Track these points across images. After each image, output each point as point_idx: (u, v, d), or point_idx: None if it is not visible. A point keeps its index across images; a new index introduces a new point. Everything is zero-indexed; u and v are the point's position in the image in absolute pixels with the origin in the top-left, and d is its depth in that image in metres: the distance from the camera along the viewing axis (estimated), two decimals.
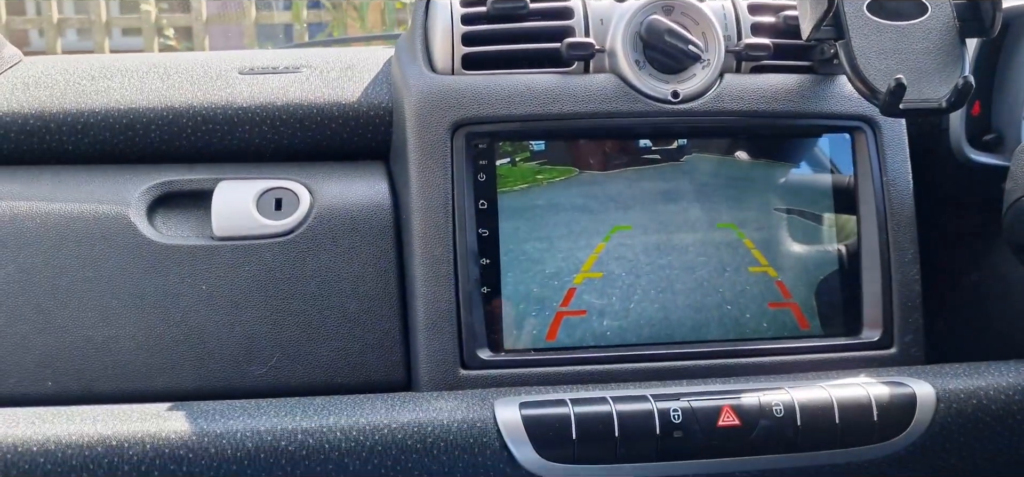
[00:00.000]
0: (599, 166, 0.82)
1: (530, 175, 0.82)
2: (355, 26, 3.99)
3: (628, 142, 0.83)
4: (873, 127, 0.84)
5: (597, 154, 0.83)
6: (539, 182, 0.82)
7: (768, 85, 0.84)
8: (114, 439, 0.67)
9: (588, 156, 0.82)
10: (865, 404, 0.74)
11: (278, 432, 0.69)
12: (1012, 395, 0.76)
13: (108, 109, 0.86)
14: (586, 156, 0.82)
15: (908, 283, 0.83)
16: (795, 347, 0.82)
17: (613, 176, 0.82)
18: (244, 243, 0.81)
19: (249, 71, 0.91)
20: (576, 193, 0.82)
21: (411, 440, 0.70)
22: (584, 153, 0.82)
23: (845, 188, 0.85)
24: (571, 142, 0.83)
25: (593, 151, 0.83)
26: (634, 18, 0.83)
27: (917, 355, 0.83)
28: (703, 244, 0.82)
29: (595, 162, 0.83)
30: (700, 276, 0.82)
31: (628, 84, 0.82)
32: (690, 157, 0.83)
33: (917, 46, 0.76)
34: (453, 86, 0.81)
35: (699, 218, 0.82)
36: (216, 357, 0.79)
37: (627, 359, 0.80)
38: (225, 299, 0.79)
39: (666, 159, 0.83)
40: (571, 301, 0.81)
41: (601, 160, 0.83)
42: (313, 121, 0.88)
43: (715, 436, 0.72)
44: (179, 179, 0.85)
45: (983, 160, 0.87)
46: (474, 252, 0.80)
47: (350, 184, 0.85)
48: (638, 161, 0.83)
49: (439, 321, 0.78)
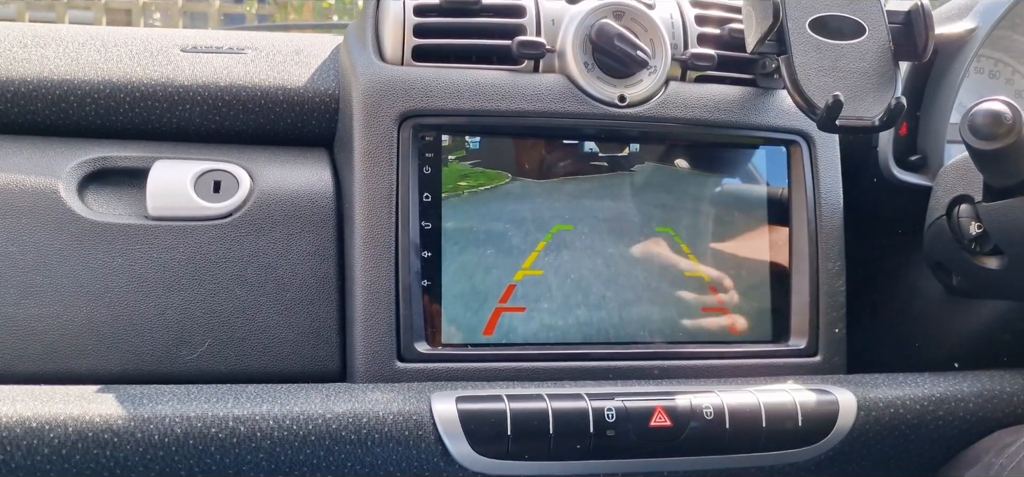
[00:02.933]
0: (543, 165, 0.83)
1: (474, 171, 0.82)
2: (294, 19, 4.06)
3: (573, 143, 0.84)
4: (809, 142, 0.87)
5: (542, 153, 0.83)
6: (483, 178, 0.82)
7: (711, 95, 0.86)
8: (34, 420, 0.65)
9: (533, 155, 0.83)
10: (791, 410, 0.76)
11: (209, 418, 0.68)
12: (926, 406, 0.80)
13: (41, 79, 0.83)
14: (531, 155, 0.83)
15: (834, 294, 0.86)
16: (726, 351, 0.84)
17: (557, 175, 0.83)
18: (179, 224, 0.79)
19: (192, 49, 0.89)
20: (520, 191, 0.82)
21: (345, 431, 0.70)
22: (529, 151, 0.83)
23: (779, 200, 0.87)
24: (516, 140, 0.83)
25: (538, 150, 0.83)
26: (585, 21, 0.83)
27: (840, 364, 0.86)
28: (641, 247, 0.84)
29: (540, 161, 0.83)
30: (637, 278, 0.83)
31: (576, 85, 0.83)
32: (633, 161, 0.84)
33: (854, 66, 0.78)
34: (402, 77, 0.81)
35: (639, 221, 0.84)
36: (146, 340, 0.77)
37: (563, 357, 0.81)
38: (157, 281, 0.77)
39: (610, 162, 0.84)
40: (511, 297, 0.81)
41: (546, 159, 0.83)
42: (256, 104, 0.86)
43: (647, 436, 0.74)
44: (113, 155, 0.82)
45: (908, 180, 0.90)
46: (416, 244, 0.79)
47: (292, 170, 0.84)
48: (583, 162, 0.84)
49: (377, 312, 0.78)
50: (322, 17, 4.13)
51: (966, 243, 0.79)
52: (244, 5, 4.26)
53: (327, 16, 4.13)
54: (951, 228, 0.80)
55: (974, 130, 0.69)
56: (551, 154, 0.83)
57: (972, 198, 0.78)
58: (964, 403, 0.81)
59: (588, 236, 0.83)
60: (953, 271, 0.83)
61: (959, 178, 0.80)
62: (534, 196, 0.82)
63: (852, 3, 0.80)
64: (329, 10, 4.12)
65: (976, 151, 0.71)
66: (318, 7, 4.12)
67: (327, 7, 4.11)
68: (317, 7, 4.13)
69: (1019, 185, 0.72)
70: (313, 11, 4.15)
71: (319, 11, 4.13)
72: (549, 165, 0.83)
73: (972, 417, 0.81)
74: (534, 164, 0.83)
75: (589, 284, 0.82)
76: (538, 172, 0.83)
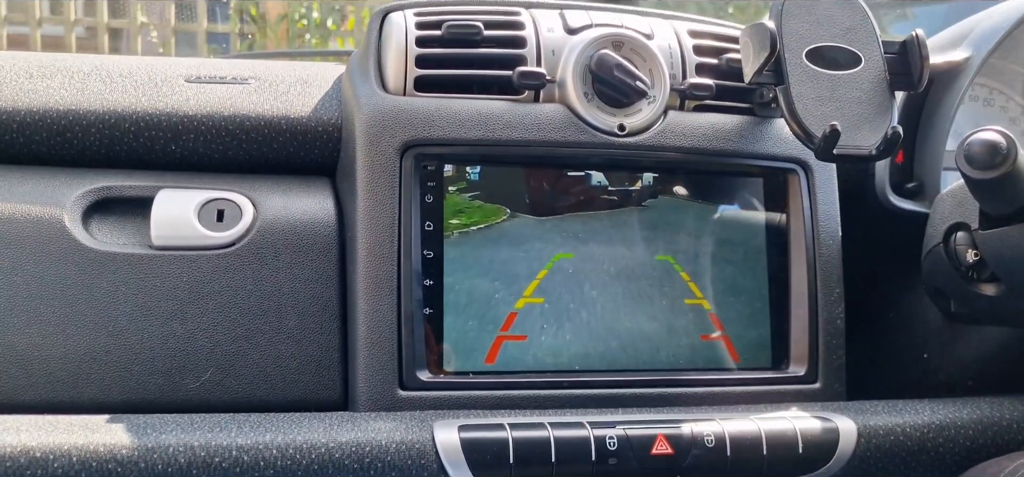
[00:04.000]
0: (544, 194, 0.84)
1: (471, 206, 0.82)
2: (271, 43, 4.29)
3: (574, 172, 0.85)
4: (806, 170, 0.88)
5: (543, 182, 0.84)
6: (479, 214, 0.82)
7: (710, 124, 0.87)
8: (38, 450, 0.65)
9: (533, 185, 0.84)
10: (791, 437, 0.77)
11: (212, 448, 0.68)
12: (927, 432, 0.80)
13: (46, 109, 0.84)
14: (531, 185, 0.84)
15: (833, 321, 0.87)
16: (726, 378, 0.84)
17: (558, 204, 0.84)
18: (183, 253, 0.79)
19: (196, 79, 0.90)
20: (521, 220, 0.83)
21: (348, 460, 0.70)
22: (529, 182, 0.84)
23: (777, 227, 0.88)
24: (517, 170, 0.84)
25: (539, 179, 0.84)
26: (585, 51, 0.85)
27: (839, 390, 0.87)
28: (641, 275, 0.84)
29: (540, 190, 0.84)
30: (637, 306, 0.84)
31: (576, 115, 0.84)
32: (633, 190, 0.85)
33: (851, 95, 0.80)
34: (405, 107, 0.82)
35: (638, 250, 0.85)
36: (149, 369, 0.77)
37: (565, 385, 0.81)
38: (161, 310, 0.78)
39: (610, 190, 0.85)
40: (512, 325, 0.82)
41: (547, 188, 0.84)
42: (259, 133, 0.87)
43: (648, 463, 0.74)
44: (118, 185, 0.83)
45: (905, 207, 0.91)
46: (418, 273, 0.80)
47: (295, 199, 0.84)
48: (583, 191, 0.85)
49: (379, 341, 0.78)
50: (296, 37, 4.32)
51: (963, 270, 0.80)
52: (229, 25, 4.45)
53: (301, 36, 4.33)
54: (948, 255, 0.81)
55: (970, 160, 0.70)
56: (551, 184, 0.84)
57: (969, 226, 0.79)
58: (964, 430, 0.81)
59: (588, 264, 0.83)
60: (951, 298, 0.84)
61: (956, 205, 0.80)
62: (535, 224, 0.83)
63: (848, 33, 0.81)
64: (302, 30, 4.33)
65: (972, 180, 0.71)
66: (293, 28, 4.34)
67: (301, 27, 4.31)
68: (292, 28, 4.34)
69: (1015, 213, 0.73)
70: (288, 33, 4.34)
71: (294, 32, 4.32)
72: (550, 194, 0.84)
73: (972, 444, 0.81)
74: (534, 195, 0.84)
75: (590, 312, 0.83)
76: (538, 202, 0.84)
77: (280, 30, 4.31)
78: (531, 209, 0.83)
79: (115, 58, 0.94)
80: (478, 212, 0.82)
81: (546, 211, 0.83)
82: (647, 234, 0.85)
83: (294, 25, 4.32)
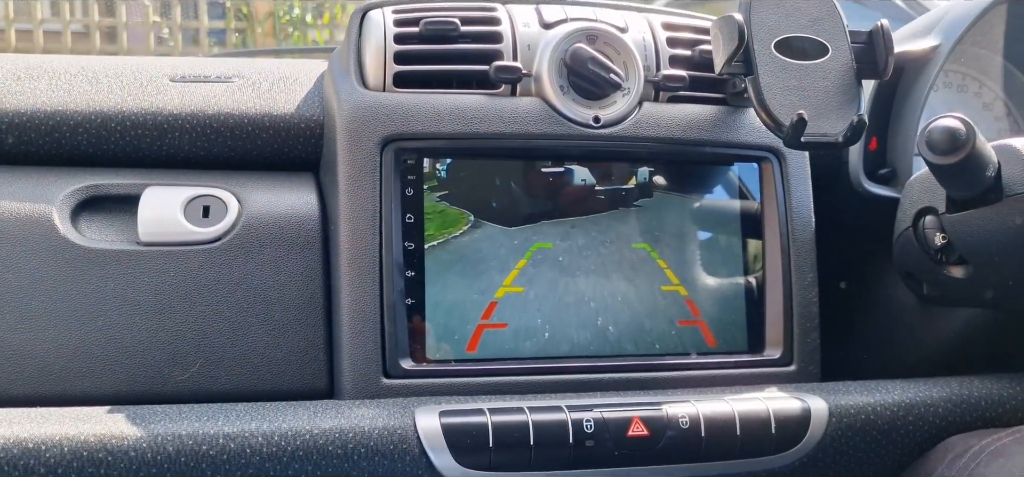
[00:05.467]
0: (523, 185, 0.86)
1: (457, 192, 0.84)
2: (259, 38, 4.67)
3: (550, 163, 0.86)
4: (779, 158, 0.90)
5: (521, 173, 0.86)
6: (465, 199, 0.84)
7: (683, 114, 0.89)
8: (30, 441, 0.67)
9: (512, 175, 0.86)
10: (764, 418, 0.79)
11: (199, 436, 0.70)
12: (897, 411, 0.82)
13: (34, 110, 0.86)
14: (510, 175, 0.86)
15: (807, 305, 0.89)
16: (702, 362, 0.86)
17: (535, 195, 0.86)
18: (170, 249, 0.81)
19: (181, 78, 0.91)
20: (500, 211, 0.85)
21: (332, 446, 0.72)
22: (509, 172, 0.86)
23: (752, 214, 0.90)
24: (497, 161, 0.86)
25: (517, 170, 0.86)
26: (560, 45, 0.86)
27: (814, 372, 0.89)
28: (619, 263, 0.86)
29: (519, 181, 0.86)
30: (615, 293, 0.86)
31: (552, 108, 0.86)
32: (609, 180, 0.87)
33: (819, 84, 0.81)
34: (384, 103, 0.84)
35: (616, 238, 0.87)
36: (138, 362, 0.79)
37: (544, 371, 0.83)
38: (149, 305, 0.80)
39: (587, 181, 0.87)
40: (492, 314, 0.84)
41: (525, 179, 0.86)
42: (243, 131, 0.89)
43: (625, 445, 0.76)
44: (105, 183, 0.84)
45: (878, 192, 0.93)
46: (399, 264, 0.82)
47: (279, 194, 0.86)
48: (560, 182, 0.86)
49: (363, 330, 0.80)
50: (281, 32, 4.58)
51: (933, 253, 0.82)
52: (224, 21, 4.83)
53: (286, 31, 4.60)
54: (918, 239, 0.83)
55: (931, 146, 0.72)
56: (528, 174, 0.86)
57: (936, 210, 0.80)
58: (934, 408, 0.83)
59: (567, 253, 0.85)
60: (923, 280, 0.86)
61: (924, 190, 0.82)
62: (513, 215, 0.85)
63: (816, 24, 0.83)
64: (286, 25, 4.62)
65: (935, 166, 0.73)
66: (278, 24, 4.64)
67: (285, 22, 4.61)
68: (277, 24, 4.63)
69: (979, 196, 0.75)
70: (274, 28, 4.62)
71: (279, 28, 4.62)
72: (527, 185, 0.86)
73: (942, 421, 0.83)
74: (512, 185, 0.86)
75: (568, 300, 0.85)
76: (517, 195, 0.85)
77: (267, 26, 4.57)
78: (509, 201, 0.85)
79: (101, 59, 0.95)
80: (442, 218, 0.83)
81: (524, 202, 0.85)
82: (623, 223, 0.87)
83: (279, 22, 4.58)
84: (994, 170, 0.73)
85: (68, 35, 4.43)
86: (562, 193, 0.86)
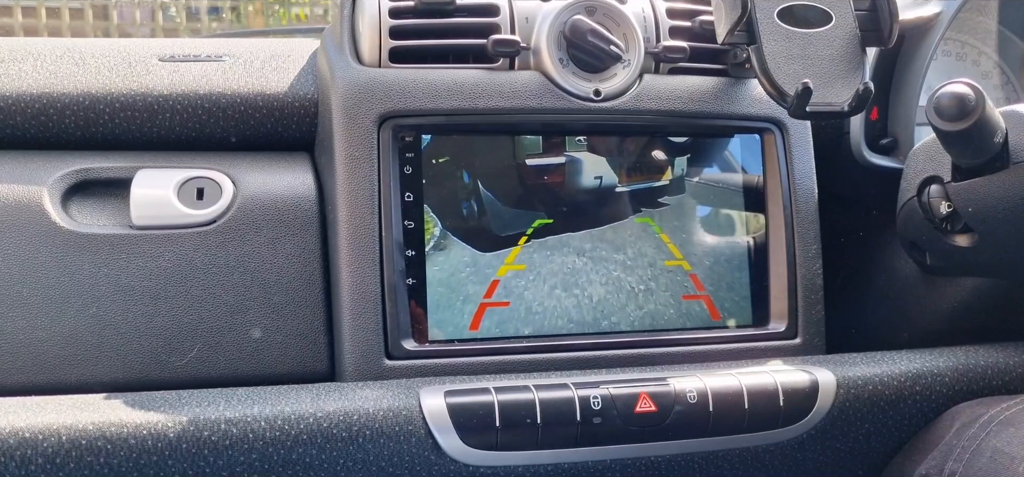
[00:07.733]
0: (522, 161, 0.85)
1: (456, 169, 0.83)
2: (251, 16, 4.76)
3: (550, 138, 0.85)
4: (781, 129, 0.89)
5: (521, 149, 0.85)
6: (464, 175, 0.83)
7: (685, 86, 0.87)
8: (27, 430, 0.66)
9: (511, 151, 0.84)
10: (772, 391, 0.78)
11: (201, 422, 0.69)
12: (904, 382, 0.82)
13: (20, 94, 0.84)
14: (510, 150, 0.84)
15: (811, 277, 0.88)
16: (707, 337, 0.86)
17: (536, 171, 0.84)
18: (164, 233, 0.80)
19: (170, 58, 0.89)
20: (500, 187, 0.83)
21: (336, 429, 0.71)
22: (508, 147, 0.84)
23: (755, 187, 0.89)
24: (495, 136, 0.84)
25: (517, 146, 0.85)
26: (558, 17, 0.85)
27: (819, 344, 0.88)
28: (621, 238, 0.85)
29: (518, 157, 0.84)
30: (618, 269, 0.85)
31: (552, 81, 0.84)
32: (610, 153, 0.86)
33: (823, 53, 0.80)
34: (380, 79, 0.82)
35: (618, 213, 0.85)
36: (134, 348, 0.77)
37: (549, 349, 0.82)
38: (143, 290, 0.78)
39: (587, 155, 0.86)
40: (495, 292, 0.82)
41: (524, 155, 0.85)
42: (236, 111, 0.87)
43: (632, 422, 0.75)
44: (96, 166, 0.82)
45: (880, 163, 0.93)
46: (400, 244, 0.80)
47: (274, 174, 0.85)
48: (560, 157, 0.85)
49: (364, 312, 0.79)
50: (269, 13, 4.67)
51: (937, 222, 0.81)
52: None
53: (273, 12, 4.67)
54: (922, 208, 0.82)
55: (939, 112, 0.71)
56: (528, 149, 0.85)
57: (941, 178, 0.80)
58: (941, 378, 0.83)
59: (568, 229, 0.84)
60: (927, 250, 0.85)
61: (928, 159, 0.82)
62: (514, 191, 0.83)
63: None
64: (272, 3, 4.73)
65: (942, 132, 0.73)
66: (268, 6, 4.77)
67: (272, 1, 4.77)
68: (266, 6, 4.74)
69: (986, 164, 0.74)
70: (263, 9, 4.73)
71: (268, 8, 4.71)
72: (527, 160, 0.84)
73: (949, 390, 0.83)
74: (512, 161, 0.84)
75: (571, 276, 0.84)
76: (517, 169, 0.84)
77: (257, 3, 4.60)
78: (509, 177, 0.84)
79: (87, 40, 0.93)
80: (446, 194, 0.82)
81: (524, 178, 0.84)
82: (625, 197, 0.86)
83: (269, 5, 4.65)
84: (1002, 136, 0.73)
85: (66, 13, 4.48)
86: (563, 168, 0.85)
